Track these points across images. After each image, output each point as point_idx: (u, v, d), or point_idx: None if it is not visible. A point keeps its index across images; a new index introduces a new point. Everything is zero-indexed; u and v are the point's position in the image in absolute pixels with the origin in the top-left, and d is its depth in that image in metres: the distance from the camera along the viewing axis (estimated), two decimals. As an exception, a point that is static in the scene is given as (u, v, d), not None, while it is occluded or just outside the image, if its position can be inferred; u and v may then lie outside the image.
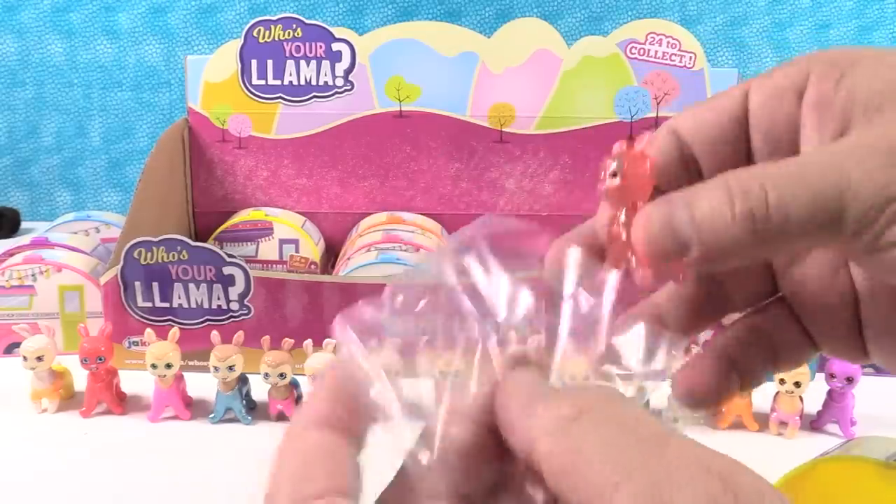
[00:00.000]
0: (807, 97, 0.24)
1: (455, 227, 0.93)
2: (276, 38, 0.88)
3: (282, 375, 0.64)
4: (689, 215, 0.22)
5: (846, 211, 0.20)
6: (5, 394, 0.69)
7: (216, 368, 0.64)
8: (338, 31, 0.88)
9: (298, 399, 0.67)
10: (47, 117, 1.18)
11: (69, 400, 0.68)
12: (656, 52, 0.88)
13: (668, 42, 0.87)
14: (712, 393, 0.26)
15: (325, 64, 0.88)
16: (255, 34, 0.88)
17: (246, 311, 0.72)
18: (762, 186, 0.21)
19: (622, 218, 0.24)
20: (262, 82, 0.89)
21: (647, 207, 0.23)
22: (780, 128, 0.24)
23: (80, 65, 1.16)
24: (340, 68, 0.89)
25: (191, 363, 0.70)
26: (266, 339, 0.64)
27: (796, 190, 0.21)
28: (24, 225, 1.12)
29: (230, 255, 0.71)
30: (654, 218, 0.22)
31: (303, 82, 0.89)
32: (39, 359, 0.65)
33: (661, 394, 0.65)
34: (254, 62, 0.89)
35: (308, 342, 0.64)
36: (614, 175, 0.24)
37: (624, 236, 0.24)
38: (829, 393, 0.64)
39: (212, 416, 0.66)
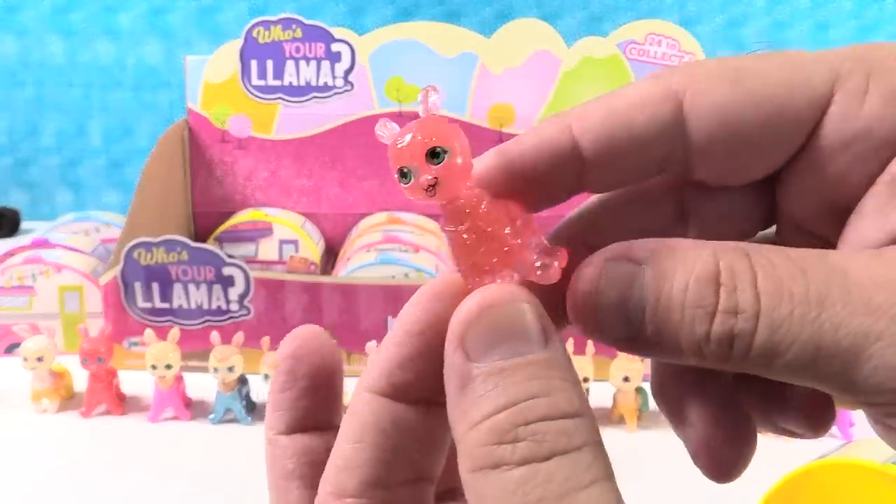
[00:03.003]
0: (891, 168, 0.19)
1: (455, 228, 0.93)
2: (276, 39, 0.88)
3: (281, 376, 0.64)
4: (654, 295, 0.18)
5: (856, 380, 0.17)
6: (5, 394, 0.69)
7: (216, 369, 0.64)
8: (338, 32, 0.88)
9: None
10: (47, 117, 1.18)
11: (69, 400, 0.68)
12: (656, 52, 0.88)
13: (668, 43, 0.87)
14: (735, 465, 0.22)
15: (325, 64, 0.88)
16: (254, 34, 0.88)
17: (246, 312, 0.72)
18: (757, 296, 0.17)
19: (458, 213, 0.19)
20: (262, 83, 0.89)
21: (597, 259, 0.19)
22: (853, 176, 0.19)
23: (80, 65, 1.16)
24: (340, 69, 0.89)
25: (191, 364, 0.70)
26: (266, 340, 0.65)
27: (798, 331, 0.17)
28: (24, 225, 1.12)
29: (230, 256, 0.72)
30: (609, 280, 0.18)
31: (303, 83, 0.89)
32: (39, 359, 0.65)
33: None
34: (254, 62, 0.89)
35: (308, 343, 0.64)
36: (435, 154, 0.18)
37: (470, 250, 0.19)
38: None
39: (211, 416, 0.66)
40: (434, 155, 0.18)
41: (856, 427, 0.64)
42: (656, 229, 0.22)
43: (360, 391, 0.20)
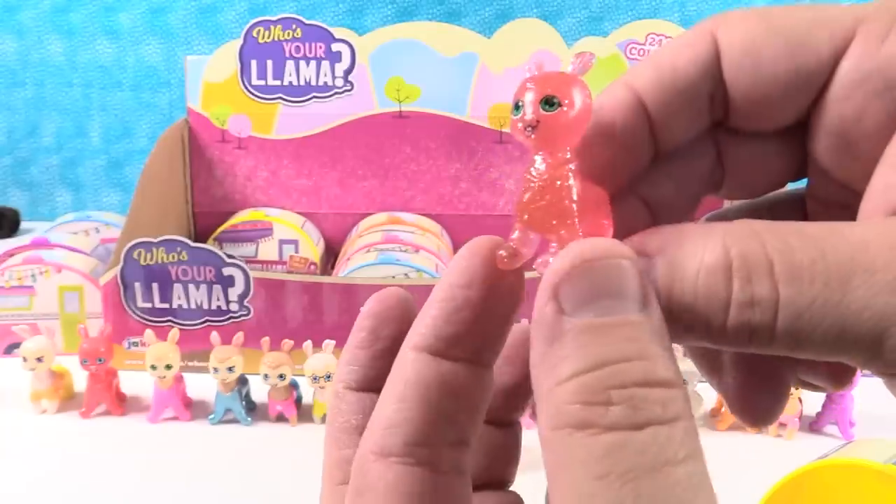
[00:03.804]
0: None
1: (455, 228, 0.93)
2: (276, 39, 0.88)
3: (281, 376, 0.64)
4: (665, 288, 0.17)
5: (881, 355, 0.17)
6: (5, 394, 0.69)
7: (216, 369, 0.64)
8: (338, 32, 0.88)
9: (298, 400, 0.67)
10: (47, 117, 1.18)
11: (69, 401, 0.68)
12: (656, 52, 0.88)
13: (668, 43, 0.87)
14: (770, 413, 0.23)
15: (325, 64, 0.88)
16: (254, 34, 0.88)
17: (246, 312, 0.72)
18: (774, 286, 0.17)
19: (542, 168, 0.19)
20: (262, 82, 0.89)
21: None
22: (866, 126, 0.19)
23: (80, 65, 1.16)
24: (340, 69, 0.89)
25: (190, 364, 0.70)
26: (266, 341, 0.64)
27: (822, 317, 0.17)
28: (24, 225, 1.12)
29: (230, 256, 0.72)
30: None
31: (302, 83, 0.89)
32: (39, 360, 0.65)
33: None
34: (253, 62, 0.89)
35: (308, 343, 0.65)
36: (550, 102, 0.19)
37: (546, 196, 0.19)
38: (828, 394, 0.64)
39: (211, 416, 0.66)
40: (549, 103, 0.19)
41: (856, 427, 0.64)
42: (697, 179, 0.22)
43: (404, 350, 0.19)
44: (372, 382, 0.21)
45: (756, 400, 0.22)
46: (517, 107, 0.19)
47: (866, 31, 0.19)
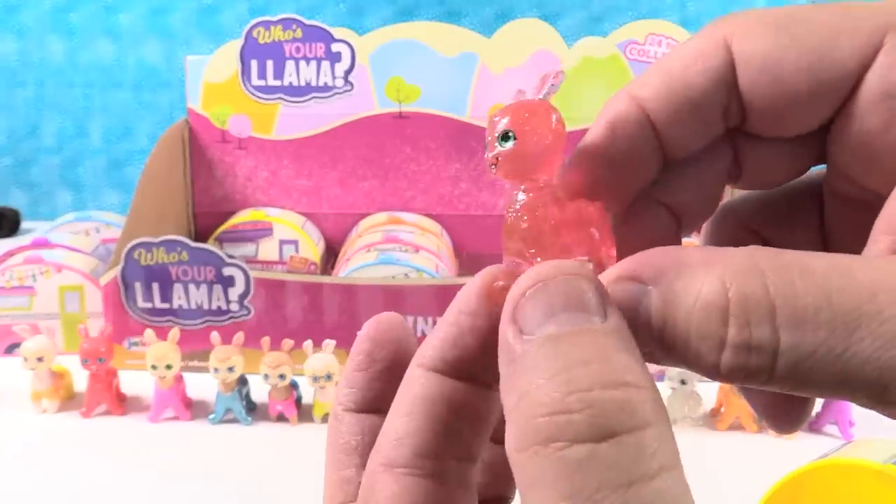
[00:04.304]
0: None
1: (455, 228, 0.93)
2: (276, 39, 0.88)
3: (282, 376, 0.64)
4: (658, 320, 0.17)
5: (885, 401, 0.16)
6: (5, 394, 0.69)
7: (216, 369, 0.64)
8: (338, 32, 0.88)
9: (298, 400, 0.67)
10: (47, 117, 1.18)
11: (69, 400, 0.68)
12: (656, 52, 0.88)
13: (668, 43, 0.87)
14: (799, 421, 0.22)
15: (325, 64, 0.88)
16: (255, 35, 0.88)
17: (246, 312, 0.72)
18: (775, 332, 0.16)
19: (520, 198, 0.19)
20: (262, 83, 0.89)
21: (611, 274, 0.18)
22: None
23: (80, 65, 1.16)
24: (340, 69, 0.89)
25: (191, 364, 0.70)
26: (266, 340, 0.65)
27: (823, 366, 0.16)
28: (24, 225, 1.12)
29: (230, 256, 0.72)
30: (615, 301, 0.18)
31: (303, 83, 0.89)
32: (39, 359, 0.65)
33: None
34: (254, 63, 0.89)
35: (308, 343, 0.65)
36: (505, 138, 0.19)
37: (524, 224, 0.19)
38: (829, 394, 0.64)
39: (212, 416, 0.66)
40: (504, 138, 0.19)
41: (856, 427, 0.64)
42: (715, 180, 0.22)
43: (412, 368, 0.20)
44: (370, 404, 0.22)
45: (787, 409, 0.22)
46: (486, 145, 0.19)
47: (894, 41, 0.18)
